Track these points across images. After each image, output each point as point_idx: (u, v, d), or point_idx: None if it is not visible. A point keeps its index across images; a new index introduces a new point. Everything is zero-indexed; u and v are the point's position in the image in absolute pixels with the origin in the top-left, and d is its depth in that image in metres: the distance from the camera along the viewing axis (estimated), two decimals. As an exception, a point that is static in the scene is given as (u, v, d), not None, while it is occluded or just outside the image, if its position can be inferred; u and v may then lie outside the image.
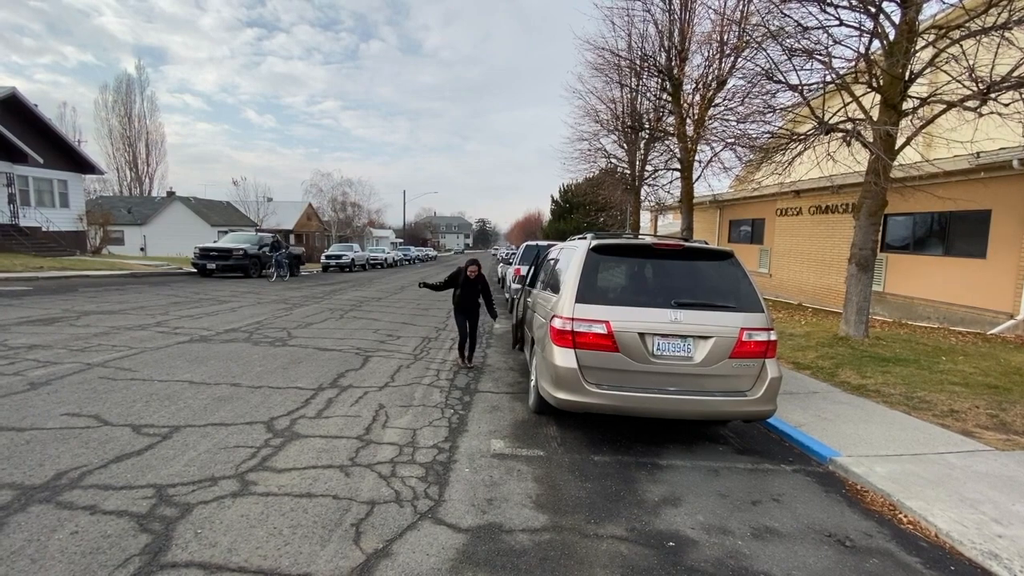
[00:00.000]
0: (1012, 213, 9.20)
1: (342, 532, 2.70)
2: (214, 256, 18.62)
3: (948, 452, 4.05)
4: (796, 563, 2.68)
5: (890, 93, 6.93)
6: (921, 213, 11.11)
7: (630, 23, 14.51)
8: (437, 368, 6.53)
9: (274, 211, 41.51)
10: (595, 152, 18.95)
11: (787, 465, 4.05)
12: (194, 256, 18.93)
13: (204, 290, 14.28)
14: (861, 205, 7.86)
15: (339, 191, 51.06)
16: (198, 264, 18.55)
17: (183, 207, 38.45)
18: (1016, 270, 9.10)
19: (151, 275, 18.00)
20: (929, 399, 5.35)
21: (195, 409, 4.45)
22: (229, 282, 17.23)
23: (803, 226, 15.70)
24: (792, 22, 7.59)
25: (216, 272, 18.65)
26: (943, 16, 6.93)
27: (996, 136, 7.21)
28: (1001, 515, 3.06)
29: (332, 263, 28.59)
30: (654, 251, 4.37)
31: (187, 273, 19.41)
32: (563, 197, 38.83)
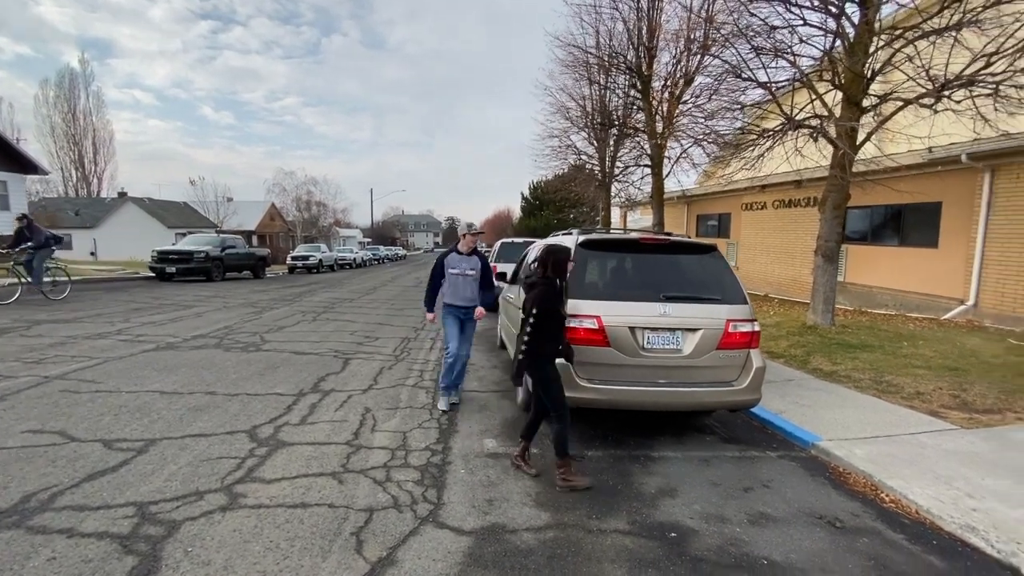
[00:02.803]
0: (961, 205, 9.75)
1: (342, 542, 2.62)
2: (174, 259, 17.81)
3: (919, 432, 4.25)
4: (793, 546, 2.76)
5: (852, 91, 7.22)
6: (878, 206, 11.64)
7: (598, 19, 14.65)
8: (420, 369, 6.43)
9: (235, 211, 40.04)
10: (566, 149, 19.06)
11: (772, 451, 4.17)
12: (152, 260, 18.06)
13: (165, 295, 13.66)
14: (826, 199, 8.17)
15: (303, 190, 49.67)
16: (156, 268, 17.71)
17: (136, 208, 36.66)
18: (965, 258, 9.65)
19: (106, 281, 17.09)
20: (896, 383, 5.61)
21: (170, 421, 4.24)
22: (191, 286, 16.54)
23: (768, 220, 16.20)
24: (759, 21, 7.82)
25: (176, 276, 17.85)
26: (902, 16, 7.24)
27: (951, 132, 7.62)
28: (973, 490, 3.23)
29: (299, 264, 27.84)
30: (640, 246, 4.42)
31: (144, 278, 18.50)
32: (533, 194, 38.95)
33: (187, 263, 17.74)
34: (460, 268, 4.78)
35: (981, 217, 9.26)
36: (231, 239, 20.94)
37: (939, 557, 2.66)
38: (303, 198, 50.03)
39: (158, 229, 34.79)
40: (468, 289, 4.81)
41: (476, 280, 4.83)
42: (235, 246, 20.51)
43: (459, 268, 4.78)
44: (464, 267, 4.79)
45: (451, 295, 4.82)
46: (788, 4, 7.48)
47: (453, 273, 4.79)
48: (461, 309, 4.85)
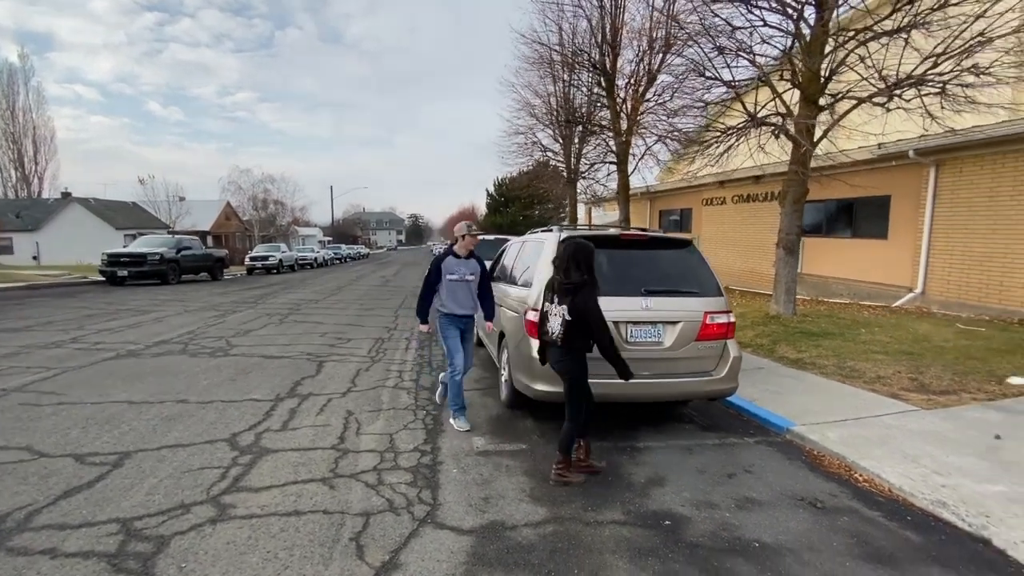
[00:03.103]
0: (909, 198, 10.35)
1: (342, 548, 2.57)
2: (126, 262, 16.90)
3: (884, 414, 4.51)
4: (780, 528, 2.89)
5: (810, 90, 7.54)
6: (831, 200, 12.21)
7: (561, 15, 14.74)
8: (398, 369, 6.35)
9: (188, 211, 38.30)
10: (532, 146, 19.13)
11: (749, 438, 4.33)
12: (102, 263, 17.08)
13: (119, 300, 12.96)
14: (786, 193, 8.52)
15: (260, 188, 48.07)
16: (107, 272, 16.77)
17: (82, 209, 34.54)
18: (913, 248, 10.26)
19: (52, 287, 16.07)
20: (858, 368, 5.93)
21: (143, 432, 4.04)
22: (145, 290, 15.76)
23: (728, 214, 16.75)
24: (721, 21, 8.06)
25: (129, 280, 16.97)
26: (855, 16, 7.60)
27: (903, 129, 8.07)
28: (940, 467, 3.46)
29: (258, 265, 26.92)
30: (621, 242, 4.50)
31: (94, 282, 17.51)
32: (498, 191, 38.92)
33: (140, 266, 16.88)
34: (459, 273, 4.35)
35: (927, 209, 9.86)
36: (187, 240, 20.07)
37: (915, 532, 2.84)
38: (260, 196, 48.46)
39: (106, 231, 32.91)
40: (469, 296, 4.42)
41: (476, 286, 4.45)
42: (191, 247, 19.66)
43: (458, 273, 4.34)
44: (463, 272, 4.37)
45: (451, 303, 4.37)
46: (749, 5, 7.74)
47: (452, 279, 4.34)
48: (462, 319, 4.41)
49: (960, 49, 6.32)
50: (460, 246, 4.40)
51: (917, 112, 6.83)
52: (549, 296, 3.52)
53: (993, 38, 6.24)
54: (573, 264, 3.37)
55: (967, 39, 6.28)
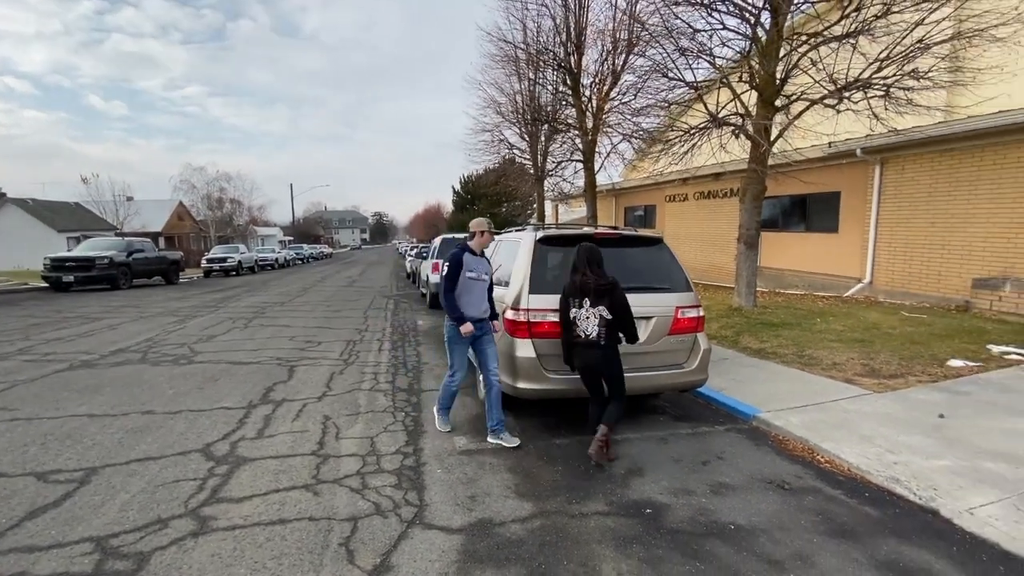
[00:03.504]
0: (857, 193, 10.96)
1: (332, 554, 2.57)
2: (72, 267, 15.97)
3: (840, 399, 4.80)
4: (753, 510, 3.06)
5: (767, 91, 7.88)
6: (785, 196, 12.78)
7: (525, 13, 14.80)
8: (373, 371, 6.30)
9: (137, 211, 36.42)
10: (498, 143, 19.16)
11: (719, 426, 4.53)
12: (45, 268, 16.10)
13: (66, 307, 12.27)
14: (746, 190, 8.88)
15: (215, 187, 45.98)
16: (51, 277, 15.81)
17: (19, 211, 32.30)
18: (861, 241, 10.88)
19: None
20: (816, 356, 6.27)
21: (108, 446, 3.88)
22: (95, 296, 14.95)
23: (690, 210, 17.27)
24: (682, 23, 8.31)
25: (75, 285, 16.05)
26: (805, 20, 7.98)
27: (851, 130, 8.55)
28: (892, 446, 3.73)
29: (216, 267, 25.90)
30: (594, 240, 4.59)
31: (37, 289, 16.49)
32: (465, 188, 38.74)
33: (88, 271, 15.98)
34: (477, 272, 4.03)
35: (873, 204, 10.47)
36: (138, 242, 19.13)
37: (872, 507, 3.06)
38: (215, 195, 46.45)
39: (46, 233, 30.93)
40: (483, 297, 4.09)
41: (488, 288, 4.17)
42: (143, 249, 18.77)
43: (476, 271, 4.03)
44: (481, 270, 4.06)
45: (467, 304, 4.00)
46: (709, 8, 8.00)
47: (471, 276, 3.99)
48: (477, 322, 4.03)
49: (901, 55, 6.76)
50: (476, 243, 4.10)
51: (864, 113, 7.26)
52: (576, 301, 3.65)
53: (930, 45, 6.69)
54: (596, 265, 3.59)
55: (908, 45, 6.72)
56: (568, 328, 3.72)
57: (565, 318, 3.75)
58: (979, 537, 2.71)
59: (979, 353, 6.12)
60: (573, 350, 3.78)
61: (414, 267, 19.68)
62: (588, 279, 3.62)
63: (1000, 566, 2.49)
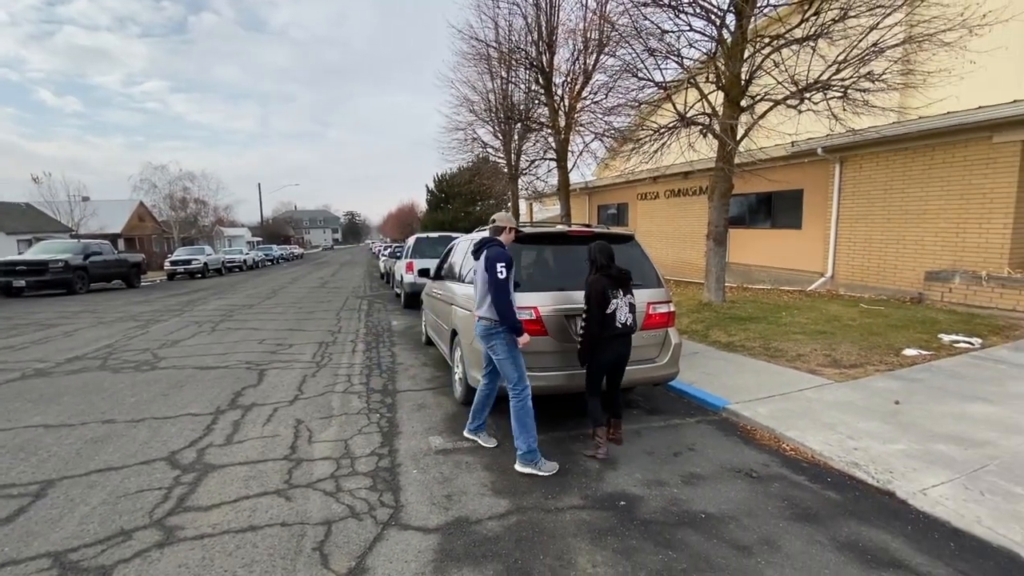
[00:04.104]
0: (819, 191, 11.35)
1: (306, 559, 2.53)
2: (23, 271, 15.20)
3: (804, 389, 4.98)
4: (722, 498, 3.15)
5: (733, 92, 8.08)
6: (754, 194, 13.14)
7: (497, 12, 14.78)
8: (347, 373, 6.21)
9: (94, 212, 34.83)
10: (471, 142, 19.05)
11: (690, 418, 4.64)
12: (-7, 273, 15.29)
13: (18, 313, 11.67)
14: (714, 188, 9.09)
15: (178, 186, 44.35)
16: (1, 283, 15.01)
17: (-40, 212, 30.55)
18: (823, 237, 11.28)
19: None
20: (781, 348, 6.47)
21: (65, 457, 3.73)
22: (49, 301, 14.28)
23: (661, 208, 17.58)
24: (651, 24, 8.44)
25: (27, 291, 15.29)
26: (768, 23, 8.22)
27: (812, 130, 8.84)
28: (852, 433, 3.89)
29: (180, 269, 25.05)
30: (568, 238, 4.65)
31: (-17, 295, 15.62)
32: (438, 187, 38.42)
33: (41, 275, 15.26)
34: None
35: (834, 201, 10.86)
36: (96, 244, 18.34)
37: (834, 491, 3.19)
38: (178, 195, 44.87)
39: (-6, 236, 29.33)
40: None
41: None
42: (101, 252, 18.01)
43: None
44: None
45: None
46: (676, 10, 8.16)
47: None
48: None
49: (858, 58, 7.03)
50: (506, 239, 3.83)
51: (824, 114, 7.52)
52: (613, 292, 3.71)
53: (884, 49, 6.98)
54: (612, 259, 3.79)
55: (863, 49, 6.99)
56: (604, 323, 3.66)
57: (601, 314, 3.65)
58: (931, 516, 2.85)
59: (931, 342, 6.44)
60: (608, 344, 3.73)
61: (388, 267, 19.47)
62: (620, 271, 3.80)
63: (951, 542, 2.63)
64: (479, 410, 4.03)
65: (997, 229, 8.35)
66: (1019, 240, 8.26)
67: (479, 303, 3.72)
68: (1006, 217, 8.22)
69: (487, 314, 3.62)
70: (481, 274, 3.65)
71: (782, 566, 2.47)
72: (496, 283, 3.51)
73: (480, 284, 3.68)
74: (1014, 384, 4.88)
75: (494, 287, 3.52)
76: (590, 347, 3.76)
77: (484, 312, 3.65)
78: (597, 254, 3.84)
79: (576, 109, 13.66)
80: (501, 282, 3.51)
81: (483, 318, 3.66)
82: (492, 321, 3.59)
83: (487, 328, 3.64)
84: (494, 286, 3.52)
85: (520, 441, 3.53)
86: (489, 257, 3.57)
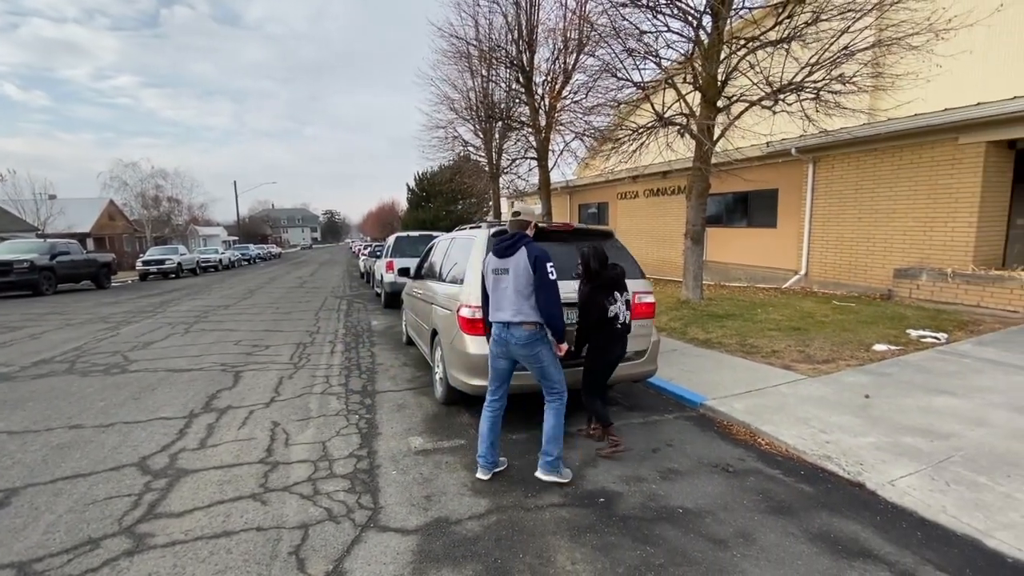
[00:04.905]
0: (793, 190, 11.60)
1: (282, 563, 2.49)
2: (-16, 272, 14.64)
3: (779, 384, 5.08)
4: (699, 493, 3.20)
5: (710, 92, 8.20)
6: (730, 193, 13.37)
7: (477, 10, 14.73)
8: (325, 374, 6.12)
9: (62, 211, 33.67)
10: (452, 140, 18.96)
11: (669, 414, 4.70)
12: (-48, 274, 14.67)
13: (-21, 316, 11.22)
14: (692, 188, 9.21)
15: (150, 184, 43.10)
16: (-40, 284, 14.44)
17: (-84, 211, 29.25)
18: (797, 235, 11.53)
19: None
20: (757, 344, 6.60)
21: (30, 464, 3.60)
22: (14, 303, 13.77)
23: (640, 207, 17.75)
24: (630, 24, 8.52)
25: (-10, 292, 14.73)
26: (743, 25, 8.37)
27: (786, 130, 9.03)
28: (825, 427, 3.99)
29: (153, 269, 24.38)
30: (547, 234, 4.64)
31: (-58, 297, 14.99)
32: (419, 185, 38.14)
33: (6, 275, 14.71)
34: None
35: (807, 201, 11.11)
36: (63, 244, 17.74)
37: (807, 484, 3.27)
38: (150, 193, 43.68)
39: (-48, 235, 28.11)
40: None
41: None
42: (69, 252, 17.43)
43: None
44: None
45: None
46: (654, 11, 8.24)
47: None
48: None
49: (830, 60, 7.21)
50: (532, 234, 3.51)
51: (797, 115, 7.69)
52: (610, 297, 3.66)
53: (855, 52, 7.16)
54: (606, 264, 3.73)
55: (835, 52, 7.17)
56: (604, 326, 3.63)
57: (602, 317, 3.61)
58: (899, 506, 2.94)
59: (900, 337, 6.64)
60: (610, 346, 3.69)
61: (368, 266, 19.25)
62: (616, 271, 3.75)
63: (917, 532, 2.72)
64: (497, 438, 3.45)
65: (962, 228, 8.65)
66: (983, 238, 8.57)
67: (512, 307, 3.25)
68: (971, 216, 8.52)
69: (531, 318, 3.22)
70: (522, 275, 3.22)
71: (757, 559, 2.52)
72: (549, 285, 3.19)
73: (514, 286, 3.24)
74: (977, 377, 5.06)
75: (547, 289, 3.18)
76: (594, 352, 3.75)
77: (526, 316, 3.22)
78: (591, 259, 3.67)
79: (556, 108, 13.71)
80: (553, 283, 3.21)
81: (525, 323, 3.23)
82: (536, 326, 3.25)
83: (531, 335, 3.24)
84: (547, 288, 3.18)
85: (552, 447, 3.31)
86: (537, 256, 3.20)
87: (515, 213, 3.45)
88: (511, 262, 3.27)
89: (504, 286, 3.29)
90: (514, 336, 3.26)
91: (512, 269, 3.26)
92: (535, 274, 3.20)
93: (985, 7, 8.13)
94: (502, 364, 3.38)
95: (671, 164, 10.90)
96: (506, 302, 3.28)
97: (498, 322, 3.32)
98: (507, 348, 3.31)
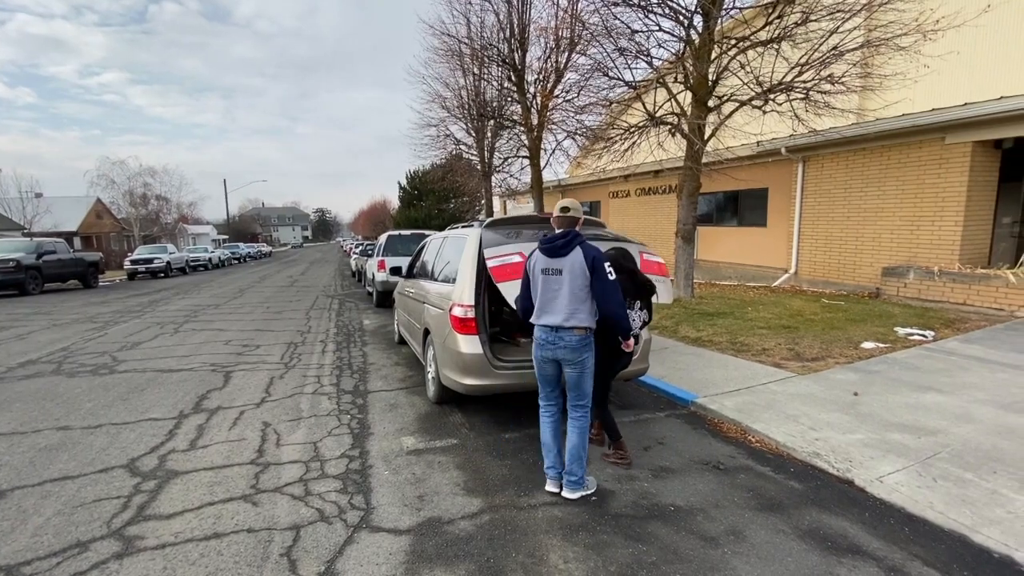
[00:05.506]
0: (783, 190, 11.70)
1: (273, 565, 2.48)
2: (-32, 272, 14.39)
3: (769, 382, 5.13)
4: (691, 491, 3.22)
5: (700, 92, 8.24)
6: (721, 192, 13.45)
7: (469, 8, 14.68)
8: (316, 374, 6.09)
9: (48, 209, 33.25)
10: (444, 139, 18.90)
11: (660, 412, 4.72)
12: (-65, 274, 14.42)
13: (-38, 317, 11.03)
14: (682, 187, 9.27)
15: (139, 182, 42.59)
16: (-56, 284, 14.19)
17: (-103, 209, 28.72)
18: (787, 234, 11.63)
19: None
20: (747, 343, 6.65)
21: (17, 467, 3.55)
22: (-2, 303, 13.56)
23: (632, 206, 17.83)
24: (621, 24, 8.54)
25: (-26, 292, 14.49)
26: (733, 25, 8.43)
27: (776, 130, 9.10)
28: (814, 424, 4.03)
29: (141, 268, 24.06)
30: (536, 220, 4.65)
31: (-76, 297, 14.72)
32: (411, 184, 37.94)
33: (-11, 275, 14.46)
34: None
35: (797, 200, 11.21)
36: (49, 243, 17.50)
37: (797, 481, 3.30)
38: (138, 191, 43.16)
39: (-65, 234, 27.63)
40: None
41: None
42: (55, 251, 17.19)
43: None
44: None
45: None
46: (646, 10, 8.27)
47: None
48: None
49: (819, 60, 7.27)
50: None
51: (787, 115, 7.76)
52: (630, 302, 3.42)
53: (844, 52, 7.23)
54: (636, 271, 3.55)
55: (824, 52, 7.23)
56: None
57: None
58: (888, 503, 2.98)
59: (888, 335, 6.72)
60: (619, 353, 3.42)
61: (359, 265, 19.17)
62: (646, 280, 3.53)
63: (905, 527, 2.75)
64: (563, 448, 3.25)
65: (949, 227, 8.77)
66: (969, 237, 8.70)
67: (565, 310, 3.02)
68: (957, 215, 8.64)
69: (583, 323, 3.01)
70: (579, 276, 2.99)
71: (747, 556, 2.54)
72: (612, 286, 2.98)
73: (570, 288, 3.01)
74: (963, 375, 5.14)
75: (611, 291, 2.98)
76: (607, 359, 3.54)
77: (579, 322, 3.00)
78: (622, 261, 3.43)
79: (548, 107, 13.71)
80: (615, 283, 3.00)
81: (577, 328, 3.01)
82: (586, 331, 3.05)
83: (581, 340, 3.03)
84: (610, 290, 2.98)
85: (577, 466, 3.13)
86: (595, 257, 2.98)
87: (563, 209, 3.15)
88: (565, 262, 3.02)
89: (556, 287, 3.04)
90: (563, 340, 3.04)
91: (567, 270, 3.01)
92: (592, 275, 2.98)
93: (972, 8, 8.23)
94: (549, 369, 3.17)
95: (662, 163, 10.93)
96: (558, 305, 3.04)
97: (546, 326, 3.09)
98: (554, 351, 3.09)
